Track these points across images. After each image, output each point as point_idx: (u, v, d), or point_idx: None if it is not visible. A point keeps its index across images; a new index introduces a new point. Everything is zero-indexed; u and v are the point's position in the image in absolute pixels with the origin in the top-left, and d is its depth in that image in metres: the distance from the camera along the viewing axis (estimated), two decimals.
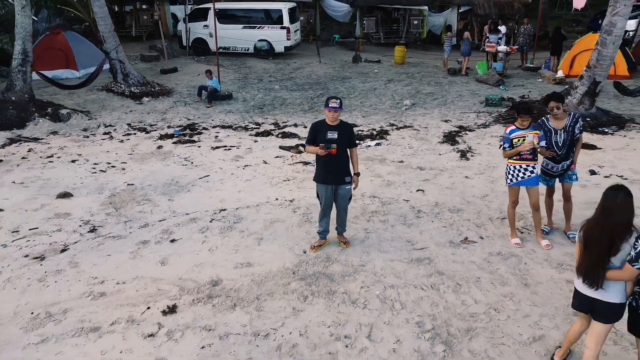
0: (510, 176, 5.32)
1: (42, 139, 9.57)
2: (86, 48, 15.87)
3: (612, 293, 3.27)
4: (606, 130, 9.14)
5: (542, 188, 5.50)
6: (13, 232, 6.00)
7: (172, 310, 4.50)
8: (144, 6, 22.28)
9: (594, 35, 14.21)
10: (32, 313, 4.53)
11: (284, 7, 17.95)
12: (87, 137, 9.73)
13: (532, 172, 5.22)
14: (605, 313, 3.34)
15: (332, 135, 4.99)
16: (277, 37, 17.88)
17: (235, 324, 4.30)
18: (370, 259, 5.21)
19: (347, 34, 22.36)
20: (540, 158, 5.41)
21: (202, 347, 4.04)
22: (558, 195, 5.60)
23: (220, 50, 17.91)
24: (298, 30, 19.16)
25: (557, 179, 5.49)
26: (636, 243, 3.10)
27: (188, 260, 5.31)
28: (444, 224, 5.93)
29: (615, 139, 8.85)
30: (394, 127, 10.07)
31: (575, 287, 3.50)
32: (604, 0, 14.89)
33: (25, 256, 5.46)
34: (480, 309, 4.42)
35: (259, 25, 18.10)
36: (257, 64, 17.00)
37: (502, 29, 15.62)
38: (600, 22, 13.91)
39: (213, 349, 4.02)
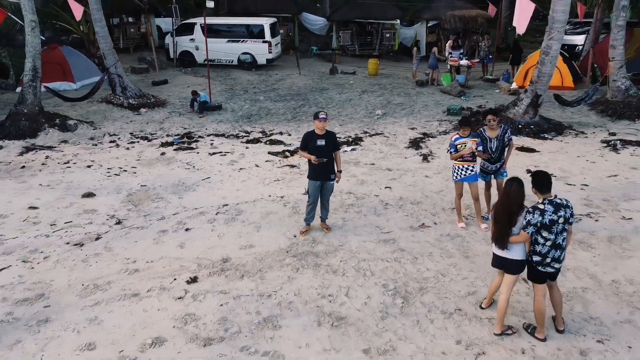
0: (455, 174, 6.79)
1: (55, 147, 10.72)
2: (81, 61, 16.97)
3: (515, 252, 4.72)
4: (546, 135, 10.75)
5: (481, 183, 6.99)
6: (51, 225, 7.21)
7: (193, 280, 5.80)
8: (130, 19, 23.38)
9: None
10: (82, 285, 5.78)
11: (266, 23, 19.32)
12: (95, 145, 10.92)
13: (472, 170, 6.70)
14: (511, 267, 4.79)
15: (321, 142, 6.38)
16: (260, 50, 19.23)
17: (245, 289, 5.63)
18: (347, 241, 6.61)
19: (325, 45, 23.85)
20: (479, 159, 6.89)
21: (221, 305, 5.36)
22: (495, 189, 7.09)
23: (207, 62, 19.23)
24: (279, 43, 20.54)
25: (492, 176, 6.99)
26: (526, 216, 4.56)
27: (201, 244, 6.62)
28: (406, 214, 7.37)
29: (553, 143, 10.47)
30: (367, 134, 11.52)
31: (493, 251, 4.95)
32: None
33: (67, 243, 6.69)
34: (430, 274, 5.85)
35: (242, 39, 19.42)
36: (241, 75, 18.30)
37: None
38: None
39: (229, 306, 5.34)
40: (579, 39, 18.90)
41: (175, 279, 5.84)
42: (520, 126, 10.96)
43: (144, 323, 5.05)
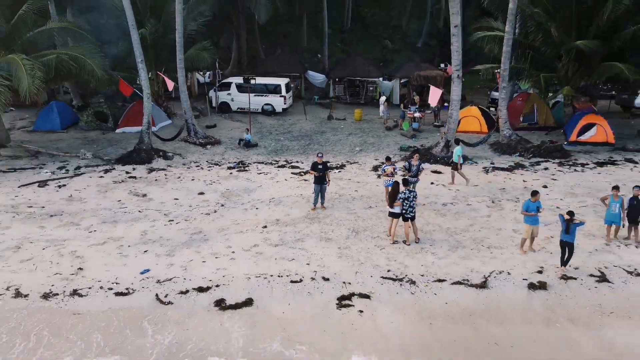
0: (385, 183, 14.43)
1: (165, 169, 18.36)
2: (155, 110, 24.71)
3: (397, 210, 12.32)
4: (450, 164, 18.35)
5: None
6: (189, 206, 14.80)
7: (264, 227, 13.34)
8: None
9: (472, 107, 23.84)
10: (217, 228, 13.34)
11: (282, 82, 27.19)
12: (189, 168, 18.56)
13: (390, 181, 14.32)
14: (397, 215, 12.38)
15: (320, 167, 14.03)
16: (278, 102, 27.04)
17: (288, 230, 13.17)
18: (333, 212, 14.19)
19: (324, 95, 31.75)
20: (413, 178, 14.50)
21: (279, 235, 12.90)
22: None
23: (239, 109, 27.11)
24: (291, 96, 28.41)
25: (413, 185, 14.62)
26: (400, 195, 12.18)
27: (264, 214, 14.17)
28: (363, 202, 14.96)
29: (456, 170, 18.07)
30: (349, 163, 19.16)
31: (389, 210, 12.52)
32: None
33: (201, 213, 14.26)
34: (369, 225, 13.39)
35: (265, 94, 27.28)
36: (265, 120, 26.07)
37: (416, 98, 25.09)
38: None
39: (283, 235, 12.87)
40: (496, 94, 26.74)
41: (256, 226, 13.39)
42: (438, 158, 18.63)
43: (248, 242, 12.57)
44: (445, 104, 26.06)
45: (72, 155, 19.72)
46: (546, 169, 18.18)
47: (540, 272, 11.04)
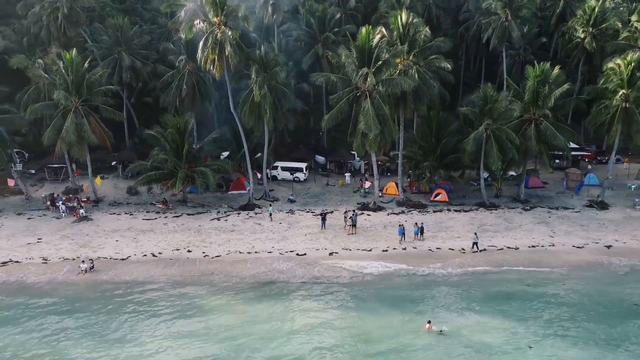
0: (347, 222, 41.94)
1: (262, 212, 45.77)
2: (246, 181, 52.12)
3: (350, 223, 39.74)
4: (375, 211, 45.78)
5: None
6: (279, 224, 42.18)
7: (306, 235, 40.72)
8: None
9: (391, 182, 51.41)
10: (291, 234, 40.70)
11: (303, 165, 54.93)
12: (278, 212, 45.96)
13: (353, 218, 41.75)
14: (353, 224, 39.80)
15: (323, 213, 41.57)
16: (301, 175, 54.69)
17: (312, 235, 40.52)
18: (327, 230, 41.64)
19: (324, 168, 59.37)
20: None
21: (309, 237, 40.25)
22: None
23: (280, 179, 54.61)
24: (307, 172, 56.07)
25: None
26: (352, 217, 39.63)
27: (304, 229, 41.52)
28: (339, 226, 42.34)
29: (378, 213, 45.48)
30: (334, 210, 46.48)
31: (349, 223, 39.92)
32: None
33: (284, 229, 41.63)
34: (339, 233, 40.71)
35: (294, 171, 54.89)
36: (296, 185, 53.56)
37: (367, 183, 52.57)
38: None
39: (312, 236, 40.22)
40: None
41: (302, 234, 40.74)
42: (370, 207, 46.04)
43: (301, 237, 39.96)
44: (388, 174, 53.73)
45: (218, 206, 47.14)
46: (412, 213, 45.65)
47: (392, 248, 38.35)
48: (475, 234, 38.63)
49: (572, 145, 52.99)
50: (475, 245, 37.64)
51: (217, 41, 41.90)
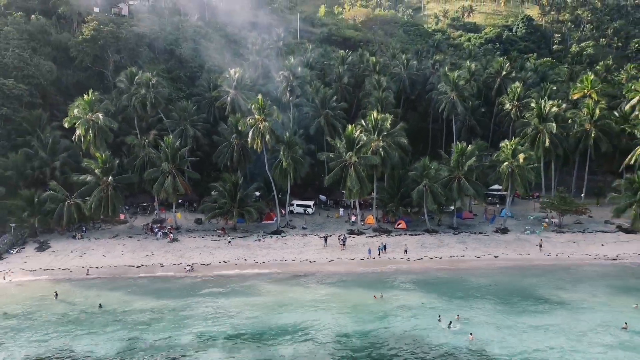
0: (339, 241, 68.03)
1: (286, 237, 71.83)
2: (275, 215, 78.26)
3: (342, 243, 65.86)
4: (358, 235, 71.90)
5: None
6: (298, 244, 68.22)
7: (316, 250, 66.74)
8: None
9: (370, 216, 77.56)
10: (305, 249, 66.75)
11: (311, 202, 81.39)
12: (291, 236, 71.86)
13: (343, 240, 67.73)
14: (343, 242, 65.91)
15: (325, 237, 67.72)
16: (310, 210, 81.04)
17: (320, 249, 66.55)
18: (328, 247, 67.69)
19: (325, 203, 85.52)
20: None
21: (317, 251, 66.25)
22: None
23: (295, 212, 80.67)
24: (314, 207, 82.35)
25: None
26: (344, 239, 65.77)
27: (314, 246, 67.53)
28: (334, 244, 68.32)
29: (360, 237, 71.49)
30: (333, 234, 72.35)
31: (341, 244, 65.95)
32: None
33: (299, 247, 67.66)
34: (334, 246, 66.68)
35: (305, 207, 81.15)
36: (306, 217, 79.66)
37: (354, 217, 78.60)
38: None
39: (319, 249, 66.22)
40: None
41: (313, 248, 66.76)
42: (355, 232, 71.97)
43: (312, 249, 65.97)
44: (370, 208, 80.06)
45: (257, 232, 73.27)
46: (382, 236, 71.56)
47: (367, 258, 64.32)
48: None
49: (498, 186, 79.02)
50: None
51: (259, 131, 68.49)
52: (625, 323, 45.67)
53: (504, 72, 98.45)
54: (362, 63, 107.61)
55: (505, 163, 68.27)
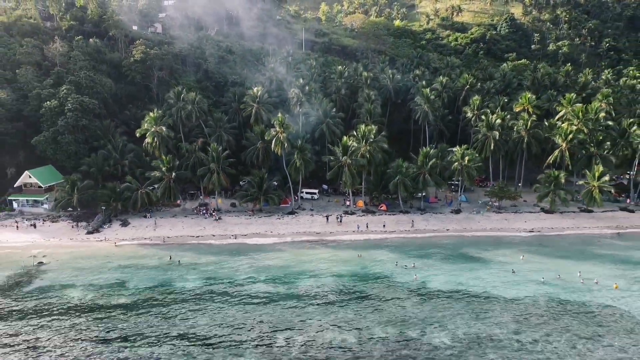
0: (337, 219, 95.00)
1: (298, 216, 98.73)
2: (290, 200, 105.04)
3: (340, 220, 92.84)
4: (351, 215, 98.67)
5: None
6: (307, 221, 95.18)
7: (323, 223, 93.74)
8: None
9: (360, 200, 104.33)
10: (313, 223, 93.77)
11: (316, 190, 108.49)
12: (303, 216, 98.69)
13: (340, 218, 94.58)
14: (339, 219, 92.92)
15: (327, 216, 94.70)
16: (316, 196, 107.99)
17: (323, 224, 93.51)
18: (329, 223, 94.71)
19: (327, 191, 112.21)
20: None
21: (321, 224, 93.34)
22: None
23: (305, 198, 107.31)
24: (319, 194, 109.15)
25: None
26: (341, 217, 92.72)
27: (319, 222, 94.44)
28: (334, 220, 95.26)
29: (352, 216, 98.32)
30: (332, 215, 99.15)
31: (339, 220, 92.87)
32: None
33: (309, 222, 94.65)
34: (333, 224, 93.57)
35: (312, 194, 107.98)
36: (313, 202, 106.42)
37: (348, 201, 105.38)
38: None
39: (323, 224, 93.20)
40: None
41: (319, 223, 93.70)
42: (349, 213, 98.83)
43: (320, 223, 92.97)
44: (361, 194, 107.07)
45: (277, 213, 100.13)
46: (368, 216, 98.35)
47: (357, 231, 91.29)
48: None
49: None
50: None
51: (280, 140, 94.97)
52: (513, 270, 72.76)
53: (467, 86, 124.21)
54: (356, 75, 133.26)
55: (456, 163, 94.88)
